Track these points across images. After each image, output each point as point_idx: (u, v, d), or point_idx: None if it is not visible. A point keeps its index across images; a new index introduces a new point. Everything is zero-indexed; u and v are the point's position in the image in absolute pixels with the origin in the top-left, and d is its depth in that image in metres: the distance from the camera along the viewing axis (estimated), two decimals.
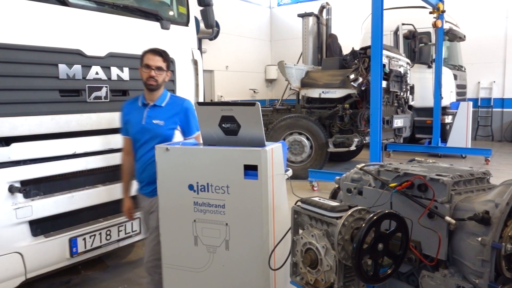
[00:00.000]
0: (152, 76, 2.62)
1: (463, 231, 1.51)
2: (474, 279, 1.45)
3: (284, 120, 7.84)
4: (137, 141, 2.71)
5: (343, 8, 13.64)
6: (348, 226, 1.60)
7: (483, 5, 12.76)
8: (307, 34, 9.36)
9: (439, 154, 9.73)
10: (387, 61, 7.44)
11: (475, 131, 12.99)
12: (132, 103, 2.77)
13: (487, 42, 12.68)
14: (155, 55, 2.65)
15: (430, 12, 8.81)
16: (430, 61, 9.65)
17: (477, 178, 1.72)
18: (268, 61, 16.63)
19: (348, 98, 7.53)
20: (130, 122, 2.72)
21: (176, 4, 3.80)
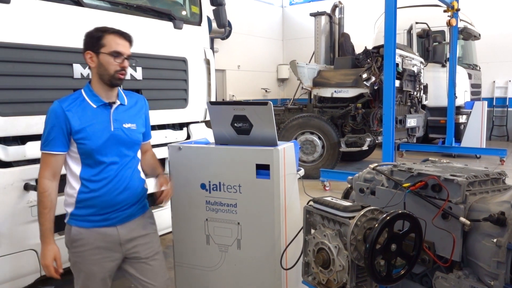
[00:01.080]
0: (126, 67, 2.01)
1: (478, 232, 1.50)
2: (489, 281, 1.44)
3: (296, 119, 7.82)
4: (102, 155, 1.99)
5: (355, 7, 13.55)
6: (360, 226, 1.59)
7: (499, 2, 12.55)
8: (319, 33, 9.33)
9: (453, 154, 9.62)
10: (400, 60, 7.37)
11: (490, 131, 12.80)
12: (76, 103, 1.98)
13: (502, 40, 12.47)
14: (126, 40, 2.02)
15: (444, 10, 8.70)
16: (444, 60, 9.55)
17: (492, 178, 1.69)
18: (280, 60, 16.61)
19: (360, 98, 7.49)
20: (88, 130, 1.95)
21: (189, 3, 3.82)
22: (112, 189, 2.03)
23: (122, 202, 2.07)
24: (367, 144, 7.32)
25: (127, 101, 2.14)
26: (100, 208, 2.02)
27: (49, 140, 1.95)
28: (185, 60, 3.51)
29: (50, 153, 1.96)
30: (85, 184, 2.00)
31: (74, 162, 2.02)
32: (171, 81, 3.46)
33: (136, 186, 2.13)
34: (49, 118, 1.96)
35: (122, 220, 2.09)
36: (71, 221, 2.06)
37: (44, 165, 1.99)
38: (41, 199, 1.97)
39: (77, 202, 2.02)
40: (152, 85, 3.26)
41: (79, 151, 1.98)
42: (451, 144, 9.45)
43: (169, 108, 3.43)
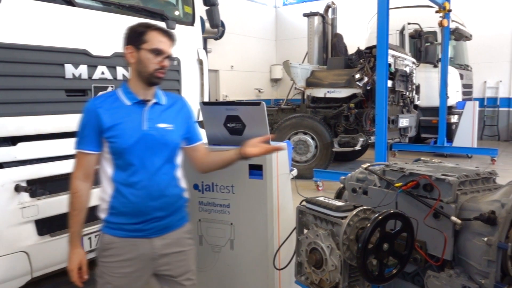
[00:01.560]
0: (166, 67, 1.89)
1: (469, 231, 1.51)
2: (480, 280, 1.45)
3: (289, 119, 7.84)
4: (133, 156, 1.85)
5: (348, 8, 13.60)
6: (353, 226, 1.60)
7: (490, 4, 12.68)
8: (312, 33, 9.35)
9: (444, 154, 9.69)
10: (393, 61, 7.41)
11: (481, 131, 12.92)
12: (109, 101, 1.89)
13: (493, 41, 12.60)
14: (169, 38, 1.91)
15: (436, 11, 8.77)
16: (436, 61, 9.61)
17: (483, 178, 1.71)
18: (273, 60, 16.63)
19: (353, 98, 7.52)
20: (120, 128, 1.84)
21: (181, 4, 3.81)
22: (145, 195, 1.86)
23: (157, 211, 1.89)
24: (360, 144, 7.36)
25: (165, 101, 1.98)
26: (132, 216, 1.86)
27: (81, 138, 1.88)
28: (177, 60, 3.50)
29: (82, 152, 1.87)
30: (118, 188, 1.86)
31: (107, 163, 1.89)
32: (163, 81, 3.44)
33: (173, 194, 1.95)
34: (82, 117, 1.90)
35: (157, 232, 1.91)
36: (104, 228, 1.94)
37: (77, 164, 1.90)
38: (72, 200, 1.88)
39: (110, 208, 1.88)
40: None
41: (110, 151, 1.86)
42: (443, 144, 9.52)
43: None
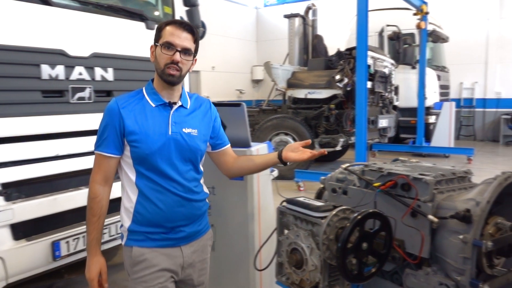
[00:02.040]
0: (177, 61, 1.71)
1: (445, 229, 1.54)
2: (456, 277, 1.48)
3: (271, 120, 7.86)
4: (157, 162, 1.73)
5: (328, 9, 13.73)
6: (332, 225, 1.61)
7: (466, 7, 12.99)
8: (293, 34, 9.40)
9: (423, 154, 9.87)
10: (372, 62, 7.52)
11: (458, 131, 13.21)
12: (134, 101, 1.78)
13: (469, 43, 12.92)
14: (183, 30, 1.74)
15: (414, 13, 8.93)
16: (414, 62, 9.79)
17: (459, 177, 1.74)
18: (254, 61, 16.66)
19: (333, 99, 7.59)
20: (144, 132, 1.72)
21: (161, 4, 3.78)
22: (172, 202, 1.77)
23: (184, 219, 1.81)
24: (341, 144, 7.43)
25: (190, 104, 1.87)
26: (160, 224, 1.77)
27: (102, 140, 1.75)
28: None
29: (102, 154, 1.75)
30: (144, 194, 1.75)
31: (129, 168, 1.78)
32: (143, 82, 3.39)
33: (198, 200, 1.87)
34: (104, 116, 1.77)
35: (185, 240, 1.84)
36: (130, 241, 1.80)
37: (96, 167, 1.79)
38: (91, 205, 1.77)
39: (135, 214, 1.77)
40: (124, 86, 3.21)
41: (132, 155, 1.74)
42: (421, 144, 9.69)
43: None
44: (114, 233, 3.13)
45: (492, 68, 13.04)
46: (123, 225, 1.83)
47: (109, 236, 3.11)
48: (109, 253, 3.98)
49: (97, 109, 3.01)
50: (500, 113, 12.89)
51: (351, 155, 9.16)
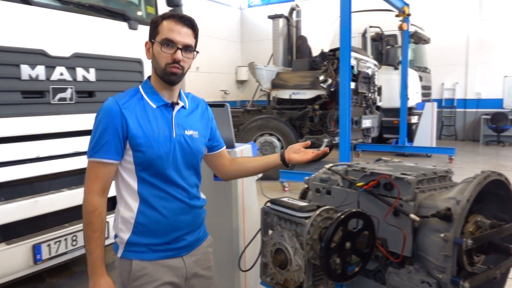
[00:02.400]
0: (178, 60, 1.60)
1: (426, 228, 1.56)
2: (437, 274, 1.50)
3: (255, 121, 7.86)
4: (162, 167, 1.62)
5: (312, 11, 13.83)
6: (316, 225, 1.62)
7: (447, 9, 13.22)
8: (277, 35, 9.43)
9: (405, 154, 10.00)
10: (356, 63, 7.59)
11: (439, 131, 13.44)
12: (134, 102, 1.63)
13: (450, 45, 13.15)
14: (183, 25, 1.61)
15: (396, 15, 9.04)
16: (397, 63, 9.92)
17: (440, 176, 1.77)
18: (238, 62, 16.65)
19: (318, 99, 7.63)
20: (149, 136, 1.60)
21: (144, 4, 3.75)
22: (177, 209, 1.66)
23: (187, 226, 1.71)
24: (325, 144, 7.46)
25: (188, 104, 1.77)
26: (163, 234, 1.65)
27: (101, 145, 1.56)
28: (140, 62, 3.44)
29: (101, 161, 1.57)
30: (147, 202, 1.62)
31: (129, 175, 1.63)
32: (126, 82, 3.38)
33: (199, 206, 1.79)
34: (101, 118, 1.58)
35: (186, 249, 1.73)
36: (128, 253, 1.65)
37: (93, 177, 1.59)
38: (91, 220, 1.57)
39: (136, 225, 1.62)
40: (107, 86, 3.18)
41: (135, 161, 1.60)
42: (404, 144, 9.82)
43: None
44: None
45: (472, 69, 13.30)
46: (118, 235, 1.67)
47: None
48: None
49: (79, 110, 2.97)
50: (480, 113, 13.15)
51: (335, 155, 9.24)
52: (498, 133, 12.41)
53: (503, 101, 12.99)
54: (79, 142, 3.02)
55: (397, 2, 8.49)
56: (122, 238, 1.65)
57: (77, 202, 3.00)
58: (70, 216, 3.04)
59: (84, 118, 3.01)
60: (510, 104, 12.76)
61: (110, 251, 3.99)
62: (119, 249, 1.68)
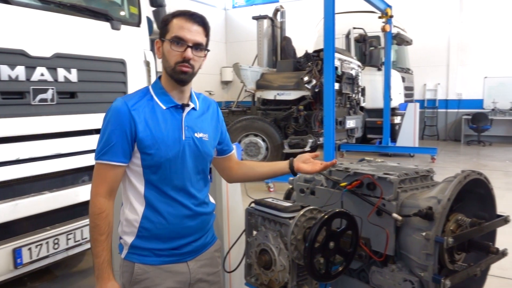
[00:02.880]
0: (188, 58, 1.56)
1: (409, 227, 1.58)
2: (419, 273, 1.52)
3: (240, 122, 7.86)
4: (170, 171, 1.60)
5: (296, 12, 13.88)
6: (300, 226, 1.62)
7: (428, 11, 13.43)
8: (261, 36, 9.44)
9: (389, 154, 10.11)
10: (339, 64, 7.65)
11: (422, 131, 13.64)
12: (143, 103, 1.60)
13: (432, 46, 13.36)
14: (194, 23, 1.58)
15: (379, 17, 9.15)
16: (380, 64, 10.03)
17: (422, 176, 1.79)
18: (223, 63, 16.62)
19: (302, 100, 7.66)
20: (158, 138, 1.57)
21: (127, 4, 3.71)
22: (183, 215, 1.63)
23: (194, 232, 1.68)
24: (310, 145, 7.51)
25: (199, 105, 1.72)
26: (168, 239, 1.62)
27: (109, 147, 1.53)
28: (123, 62, 3.40)
29: (109, 163, 1.54)
30: (152, 207, 1.60)
31: (136, 178, 1.60)
32: (109, 83, 3.34)
33: (207, 211, 1.75)
34: (109, 120, 1.55)
35: (192, 254, 1.70)
36: (132, 256, 1.63)
37: (99, 179, 1.56)
38: (97, 223, 1.54)
39: (140, 229, 1.60)
40: (89, 87, 3.14)
41: (143, 164, 1.57)
42: (387, 144, 9.93)
43: None
44: (80, 238, 3.05)
45: (453, 70, 13.54)
46: (122, 237, 1.66)
47: (74, 241, 3.02)
48: (74, 259, 3.87)
49: (60, 111, 2.93)
50: (461, 113, 13.39)
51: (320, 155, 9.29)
52: (478, 133, 12.65)
53: (483, 101, 13.25)
54: (61, 143, 2.97)
55: (380, 4, 8.60)
56: (125, 240, 1.64)
57: (59, 204, 2.97)
58: (52, 219, 2.99)
59: (66, 120, 2.97)
60: (490, 104, 13.03)
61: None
62: (124, 250, 1.67)
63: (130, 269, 1.63)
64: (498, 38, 12.73)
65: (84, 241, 3.09)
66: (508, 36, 12.60)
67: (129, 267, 1.63)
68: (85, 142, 3.14)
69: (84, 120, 3.12)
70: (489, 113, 12.76)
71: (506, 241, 1.91)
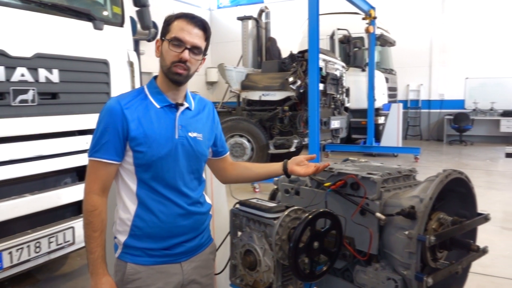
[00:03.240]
0: (185, 60, 1.58)
1: (392, 226, 1.59)
2: (402, 271, 1.53)
3: (225, 122, 7.84)
4: (162, 170, 1.60)
5: (281, 12, 13.92)
6: (285, 226, 1.63)
7: (411, 13, 13.62)
8: (246, 37, 9.44)
9: (373, 154, 10.21)
10: (324, 65, 7.69)
11: (405, 131, 13.83)
12: (137, 101, 1.62)
13: (414, 47, 13.56)
14: (195, 26, 1.60)
15: (363, 18, 9.24)
16: (364, 65, 10.12)
17: (404, 175, 1.81)
18: (208, 63, 16.55)
19: (287, 101, 7.68)
20: (150, 136, 1.58)
21: (110, 4, 3.67)
22: (176, 214, 1.63)
23: (187, 232, 1.68)
24: (295, 145, 7.54)
25: (194, 106, 1.74)
26: (161, 238, 1.62)
27: (101, 145, 1.55)
28: (106, 62, 3.36)
29: (101, 161, 1.56)
30: (145, 205, 1.60)
31: (129, 176, 1.62)
32: (92, 84, 3.30)
33: (203, 211, 1.75)
34: (102, 118, 1.58)
35: (186, 255, 1.70)
36: (125, 255, 1.65)
37: (93, 176, 1.58)
38: (90, 220, 1.56)
39: (133, 228, 1.61)
40: (71, 88, 3.09)
41: (135, 162, 1.58)
42: (371, 144, 10.03)
43: (90, 113, 3.26)
44: (62, 241, 3.00)
45: (436, 71, 13.77)
46: (116, 237, 1.68)
47: (57, 244, 2.97)
48: (56, 263, 3.81)
49: (41, 112, 2.88)
50: (443, 113, 13.61)
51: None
52: (460, 133, 12.88)
53: (464, 102, 13.49)
54: (43, 145, 2.92)
55: (363, 5, 8.69)
56: (119, 240, 1.66)
57: (41, 207, 2.92)
58: (33, 222, 2.94)
59: (47, 121, 2.92)
60: (471, 105, 13.28)
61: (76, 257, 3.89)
62: (118, 250, 1.68)
63: (123, 268, 1.64)
64: (479, 39, 12.99)
65: (66, 244, 3.04)
66: (489, 38, 12.86)
67: (122, 266, 1.64)
68: (67, 144, 3.10)
69: (66, 121, 3.07)
70: (471, 113, 13.01)
71: (486, 239, 1.94)
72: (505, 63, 12.75)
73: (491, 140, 13.05)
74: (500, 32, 12.73)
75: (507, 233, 4.71)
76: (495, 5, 12.74)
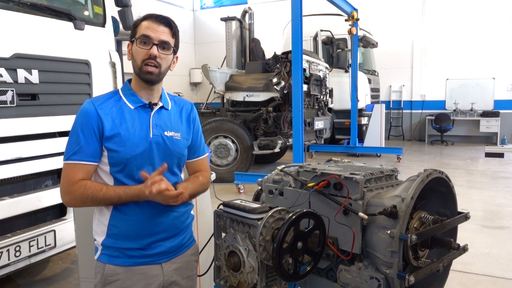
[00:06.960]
0: (154, 55, 1.61)
1: (374, 225, 1.61)
2: (385, 270, 1.55)
3: (209, 123, 7.82)
4: (137, 168, 1.60)
5: (265, 14, 13.95)
6: (269, 227, 1.63)
7: (393, 15, 13.81)
8: (230, 38, 9.42)
9: (357, 154, 10.31)
10: (308, 66, 7.74)
11: (388, 131, 14.01)
12: (111, 103, 1.64)
13: (396, 49, 13.76)
14: (160, 24, 1.66)
15: (345, 19, 9.32)
16: (347, 66, 10.21)
17: (386, 175, 1.83)
18: (192, 64, 16.50)
19: (271, 101, 7.71)
20: (124, 136, 1.59)
21: (91, 3, 3.62)
22: (151, 212, 1.62)
23: (164, 230, 1.67)
24: (279, 146, 7.56)
25: (171, 105, 1.76)
26: (137, 237, 1.62)
27: (79, 147, 1.55)
28: (87, 63, 3.32)
29: (78, 163, 1.55)
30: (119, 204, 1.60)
31: (105, 176, 1.63)
32: (72, 85, 3.25)
33: (181, 211, 1.75)
34: (77, 120, 1.59)
35: (166, 256, 1.70)
36: (103, 257, 1.65)
37: (69, 179, 1.56)
38: (88, 193, 1.54)
39: (110, 227, 1.62)
40: (51, 89, 3.04)
41: (110, 161, 1.59)
42: (355, 144, 10.13)
43: (71, 114, 3.21)
44: (43, 245, 2.95)
45: (417, 72, 13.98)
46: (96, 239, 1.67)
47: (37, 248, 2.92)
48: (37, 267, 3.74)
49: (21, 113, 2.82)
50: (425, 114, 13.83)
51: (289, 156, 9.35)
52: (441, 133, 13.10)
53: (445, 102, 13.73)
54: (22, 147, 2.86)
55: (346, 7, 8.77)
56: (98, 241, 1.66)
57: (21, 210, 2.86)
58: (13, 225, 2.88)
59: (27, 122, 2.86)
60: (452, 105, 13.52)
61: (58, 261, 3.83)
62: (97, 252, 1.68)
63: (102, 270, 1.63)
64: (459, 41, 13.25)
65: (47, 248, 2.99)
66: (468, 40, 13.13)
67: (101, 268, 1.64)
68: (48, 145, 3.05)
69: (47, 122, 3.02)
70: (451, 113, 13.25)
71: (467, 237, 1.98)
72: (484, 64, 13.03)
73: (471, 140, 13.32)
74: (478, 34, 13.00)
75: (487, 231, 4.81)
76: (474, 9, 13.01)
